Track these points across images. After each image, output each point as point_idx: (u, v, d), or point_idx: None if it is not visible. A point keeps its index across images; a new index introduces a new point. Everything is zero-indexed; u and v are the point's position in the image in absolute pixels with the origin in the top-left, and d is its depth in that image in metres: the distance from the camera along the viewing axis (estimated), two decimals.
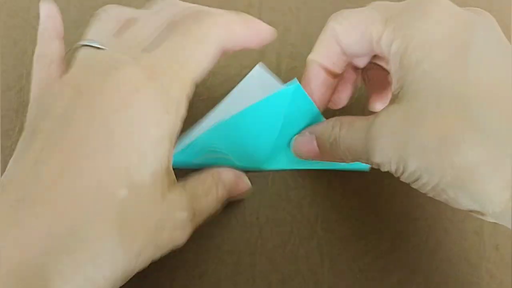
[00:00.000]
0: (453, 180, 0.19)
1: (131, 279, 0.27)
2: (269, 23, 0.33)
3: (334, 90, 0.27)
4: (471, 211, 0.20)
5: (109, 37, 0.22)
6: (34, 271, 0.17)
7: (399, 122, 0.20)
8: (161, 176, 0.20)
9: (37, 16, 0.32)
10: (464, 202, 0.19)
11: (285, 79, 0.32)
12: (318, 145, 0.25)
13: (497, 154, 0.18)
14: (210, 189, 0.24)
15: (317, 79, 0.26)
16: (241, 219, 0.28)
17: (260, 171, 0.29)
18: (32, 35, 0.32)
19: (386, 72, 0.26)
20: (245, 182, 0.27)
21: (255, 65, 0.32)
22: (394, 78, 0.22)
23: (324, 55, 0.25)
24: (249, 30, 0.24)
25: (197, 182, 0.23)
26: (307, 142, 0.26)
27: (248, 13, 0.33)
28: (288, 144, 0.28)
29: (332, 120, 0.24)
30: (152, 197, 0.20)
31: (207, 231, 0.28)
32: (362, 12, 0.23)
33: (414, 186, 0.21)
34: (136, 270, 0.20)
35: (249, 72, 0.30)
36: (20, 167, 0.19)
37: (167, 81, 0.20)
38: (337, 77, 0.26)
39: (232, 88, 0.31)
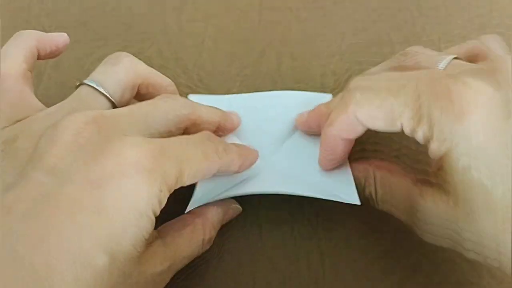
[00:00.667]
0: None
1: None
2: (269, 23, 0.33)
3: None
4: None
5: (118, 92, 0.24)
6: None
7: (450, 214, 0.21)
8: (141, 244, 0.20)
9: (39, 15, 0.33)
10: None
11: (285, 79, 0.32)
12: None
13: None
14: (194, 235, 0.24)
15: (339, 148, 0.25)
16: (241, 219, 0.28)
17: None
18: None
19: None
20: (234, 209, 0.27)
21: (255, 65, 0.32)
22: (434, 165, 0.22)
23: (344, 130, 0.24)
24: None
25: (181, 234, 0.23)
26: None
27: (248, 12, 0.34)
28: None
29: (362, 169, 0.26)
30: (131, 262, 0.20)
31: None
32: (383, 101, 0.22)
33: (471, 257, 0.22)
34: None
35: (249, 72, 0.30)
36: (4, 208, 0.18)
37: (168, 166, 0.20)
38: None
39: (232, 88, 0.31)
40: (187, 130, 0.24)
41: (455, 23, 0.35)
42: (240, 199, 0.28)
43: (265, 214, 0.28)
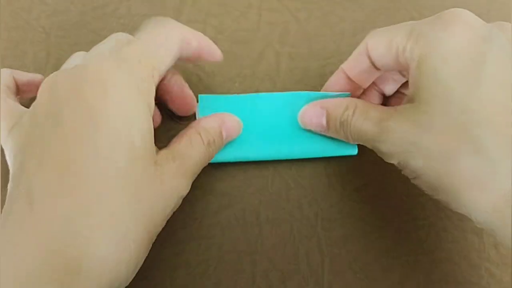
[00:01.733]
0: (447, 186, 0.21)
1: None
2: (268, 24, 0.34)
3: None
4: (467, 213, 0.22)
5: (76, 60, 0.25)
6: (64, 253, 0.18)
7: (409, 122, 0.22)
8: (149, 137, 0.22)
9: (39, 17, 0.33)
10: (454, 206, 0.22)
11: (284, 80, 0.32)
12: (327, 120, 0.27)
13: (487, 172, 0.20)
14: (192, 137, 0.25)
15: (336, 84, 0.29)
16: (241, 219, 0.28)
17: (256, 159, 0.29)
18: (34, 37, 0.32)
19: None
20: (233, 121, 0.28)
21: (254, 66, 0.32)
22: (410, 81, 0.23)
23: (351, 65, 0.27)
24: (201, 44, 0.26)
25: (178, 138, 0.25)
26: (316, 115, 0.27)
27: (248, 13, 0.34)
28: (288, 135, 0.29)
29: (346, 100, 0.26)
30: (147, 157, 0.21)
31: (207, 231, 0.28)
32: (391, 28, 0.25)
33: (413, 181, 0.23)
34: (158, 223, 0.22)
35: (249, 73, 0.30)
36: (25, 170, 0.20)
37: (135, 66, 0.22)
38: (358, 90, 0.29)
39: (231, 88, 0.31)
40: None
41: None
42: (240, 199, 0.29)
43: (265, 214, 0.28)
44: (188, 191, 0.24)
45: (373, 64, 0.26)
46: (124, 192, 0.20)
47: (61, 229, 0.19)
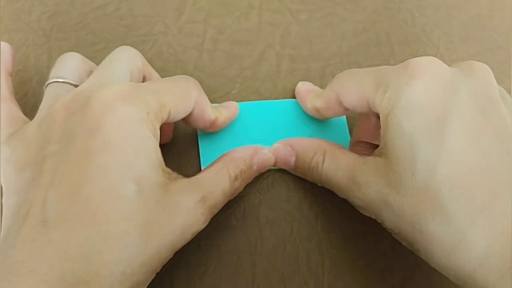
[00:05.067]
0: (421, 246, 0.21)
1: None
2: (269, 25, 0.34)
3: None
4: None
5: (74, 76, 0.25)
6: (74, 278, 0.18)
7: (381, 179, 0.22)
8: (159, 167, 0.21)
9: (39, 19, 0.33)
10: (435, 265, 0.21)
11: (285, 81, 0.32)
12: (296, 161, 0.28)
13: (456, 239, 0.20)
14: (219, 171, 0.24)
15: (308, 110, 0.29)
16: (241, 219, 0.28)
17: None
18: (35, 39, 0.32)
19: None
20: (266, 155, 0.28)
21: (255, 67, 0.32)
22: (381, 133, 0.23)
23: (325, 110, 0.28)
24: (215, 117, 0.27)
25: (204, 170, 0.25)
26: (286, 154, 0.28)
27: (249, 14, 0.34)
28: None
29: (314, 145, 0.27)
30: (157, 188, 0.21)
31: (207, 231, 0.28)
32: (359, 77, 0.25)
33: (394, 236, 0.24)
34: (163, 260, 0.21)
35: (249, 73, 0.30)
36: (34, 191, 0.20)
37: (146, 93, 0.22)
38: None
39: (232, 90, 0.31)
40: None
41: (455, 24, 0.35)
42: (240, 199, 0.29)
43: (265, 214, 0.28)
44: (204, 226, 0.23)
45: (346, 109, 0.26)
46: (134, 231, 0.19)
47: (77, 258, 0.18)
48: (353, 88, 0.25)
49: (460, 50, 0.34)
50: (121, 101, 0.21)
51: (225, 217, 0.28)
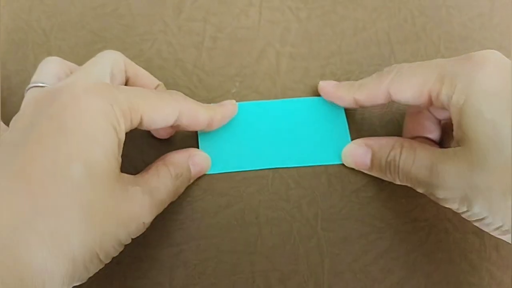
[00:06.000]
0: None
1: (130, 278, 0.27)
2: (269, 23, 0.33)
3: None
4: None
5: (54, 79, 0.25)
6: (3, 245, 0.18)
7: (465, 164, 0.22)
8: (112, 158, 0.22)
9: (39, 19, 0.33)
10: None
11: (284, 79, 0.32)
12: (372, 160, 0.28)
13: None
14: (160, 170, 0.25)
15: (344, 102, 0.29)
16: (241, 219, 0.28)
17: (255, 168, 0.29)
18: (34, 39, 0.32)
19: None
20: (200, 156, 0.28)
21: (254, 65, 0.32)
22: (455, 125, 0.24)
23: (365, 101, 0.28)
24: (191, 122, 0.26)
25: (145, 170, 0.25)
26: (362, 154, 0.28)
27: (248, 12, 0.34)
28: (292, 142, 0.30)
29: (392, 140, 0.27)
30: (106, 174, 0.21)
31: (206, 231, 0.28)
32: (416, 71, 0.25)
33: (476, 224, 0.24)
34: (107, 249, 0.21)
35: (249, 72, 0.30)
36: None
37: (117, 93, 0.22)
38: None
39: (231, 88, 0.31)
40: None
41: (455, 23, 0.35)
42: (239, 199, 0.28)
43: (265, 214, 0.28)
44: (150, 220, 0.23)
45: (390, 100, 0.27)
46: (76, 209, 0.20)
47: (4, 226, 0.18)
48: (410, 82, 0.25)
49: (460, 50, 0.34)
50: (88, 93, 0.21)
51: (225, 216, 0.28)
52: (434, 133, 0.29)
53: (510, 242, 0.23)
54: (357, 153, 0.28)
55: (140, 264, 0.27)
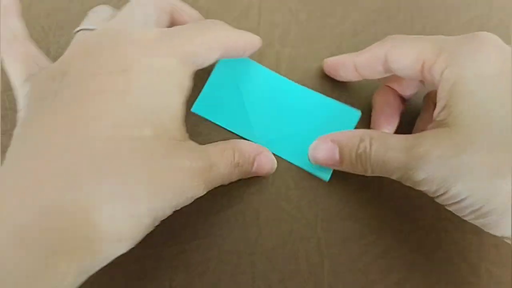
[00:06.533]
0: (499, 205, 0.21)
1: (130, 278, 0.27)
2: (269, 24, 0.33)
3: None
4: (504, 237, 0.22)
5: (103, 23, 0.24)
6: (71, 205, 0.18)
7: (449, 146, 0.22)
8: (178, 123, 0.21)
9: (39, 16, 0.33)
10: (503, 227, 0.21)
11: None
12: (341, 154, 0.26)
13: None
14: (225, 150, 0.24)
15: (345, 72, 0.29)
16: (241, 219, 0.28)
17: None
18: (34, 35, 0.32)
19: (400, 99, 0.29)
20: (268, 157, 0.28)
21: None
22: (441, 103, 0.23)
23: (363, 65, 0.28)
24: (243, 46, 0.26)
25: (211, 144, 0.24)
26: (328, 149, 0.27)
27: (248, 13, 0.34)
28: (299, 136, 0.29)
29: (359, 132, 0.25)
30: (172, 141, 0.21)
31: (207, 231, 0.28)
32: (417, 41, 0.25)
33: (450, 207, 0.23)
34: (161, 216, 0.21)
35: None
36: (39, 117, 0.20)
37: (180, 41, 0.22)
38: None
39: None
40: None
41: (455, 23, 0.35)
42: (239, 199, 0.28)
43: (265, 214, 0.28)
44: (202, 195, 0.23)
45: (387, 71, 0.26)
46: (143, 173, 0.19)
47: (65, 183, 0.18)
48: (409, 50, 0.25)
49: None
50: (152, 48, 0.21)
51: (225, 216, 0.28)
52: (396, 110, 0.29)
53: (482, 228, 0.23)
54: (323, 148, 0.27)
55: (141, 264, 0.27)
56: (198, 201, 0.28)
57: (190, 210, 0.28)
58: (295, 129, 0.29)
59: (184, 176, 0.21)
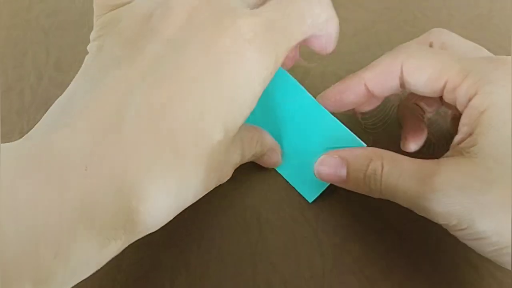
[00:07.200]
0: None
1: (132, 279, 0.27)
2: None
3: (366, 101, 0.27)
4: None
5: None
6: (127, 186, 0.17)
7: (473, 179, 0.20)
8: (235, 135, 0.21)
9: (38, 16, 0.33)
10: None
11: None
12: (348, 173, 0.25)
13: None
14: (252, 140, 0.24)
15: (351, 93, 0.26)
16: (242, 220, 0.28)
17: None
18: (33, 36, 0.32)
19: (423, 114, 0.28)
20: (277, 154, 0.28)
21: None
22: (464, 129, 0.22)
23: (375, 80, 0.25)
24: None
25: (246, 132, 0.24)
26: (335, 166, 0.25)
27: None
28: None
29: (370, 151, 0.24)
30: (232, 143, 0.20)
31: (207, 232, 0.28)
32: (436, 56, 0.23)
33: (469, 243, 0.21)
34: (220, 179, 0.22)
35: None
36: (121, 77, 0.18)
37: (279, 37, 0.20)
38: (374, 101, 0.27)
39: None
40: None
41: (455, 24, 0.35)
42: (240, 200, 0.28)
43: (266, 215, 0.28)
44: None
45: (403, 85, 0.24)
46: (202, 171, 0.19)
47: (132, 179, 0.17)
48: (427, 63, 0.23)
49: None
50: (252, 48, 0.19)
51: (226, 218, 0.28)
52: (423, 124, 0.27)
53: (501, 265, 0.21)
54: (330, 162, 0.25)
55: (141, 265, 0.27)
56: (199, 202, 0.28)
57: (191, 212, 0.28)
58: (296, 143, 0.28)
59: (229, 169, 0.22)
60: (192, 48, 0.19)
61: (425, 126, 0.28)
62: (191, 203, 0.20)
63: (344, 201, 0.29)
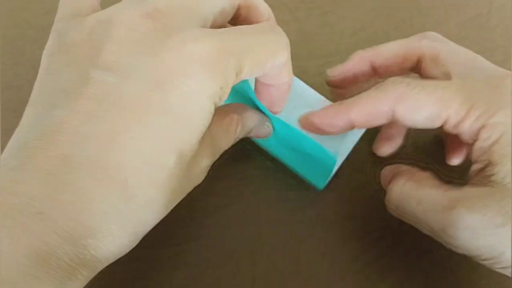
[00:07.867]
0: None
1: (131, 278, 0.27)
2: None
3: None
4: None
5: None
6: (82, 227, 0.17)
7: (497, 210, 0.20)
8: (200, 139, 0.20)
9: (36, 15, 0.32)
10: None
11: None
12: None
13: None
14: (230, 131, 0.23)
15: (336, 127, 0.24)
16: (241, 219, 0.28)
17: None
18: (31, 34, 0.32)
19: None
20: (267, 128, 0.26)
21: None
22: (480, 160, 0.22)
23: (362, 117, 0.24)
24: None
25: (220, 125, 0.23)
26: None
27: None
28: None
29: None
30: (192, 159, 0.20)
31: (207, 231, 0.28)
32: (433, 94, 0.22)
33: (494, 268, 0.22)
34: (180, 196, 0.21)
35: None
36: (67, 116, 0.18)
37: (229, 61, 0.19)
38: None
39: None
40: (238, 18, 0.23)
41: (454, 23, 0.35)
42: (240, 199, 0.28)
43: (265, 214, 0.28)
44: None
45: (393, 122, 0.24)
46: (162, 195, 0.19)
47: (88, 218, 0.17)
48: (426, 104, 0.22)
49: None
50: (200, 69, 0.18)
51: (225, 216, 0.28)
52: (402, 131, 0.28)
53: None
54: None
55: (140, 264, 0.27)
56: (198, 201, 0.28)
57: (190, 210, 0.28)
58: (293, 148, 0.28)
59: (200, 174, 0.21)
60: (135, 74, 0.18)
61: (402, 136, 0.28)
62: (157, 222, 0.20)
63: (344, 200, 0.29)
